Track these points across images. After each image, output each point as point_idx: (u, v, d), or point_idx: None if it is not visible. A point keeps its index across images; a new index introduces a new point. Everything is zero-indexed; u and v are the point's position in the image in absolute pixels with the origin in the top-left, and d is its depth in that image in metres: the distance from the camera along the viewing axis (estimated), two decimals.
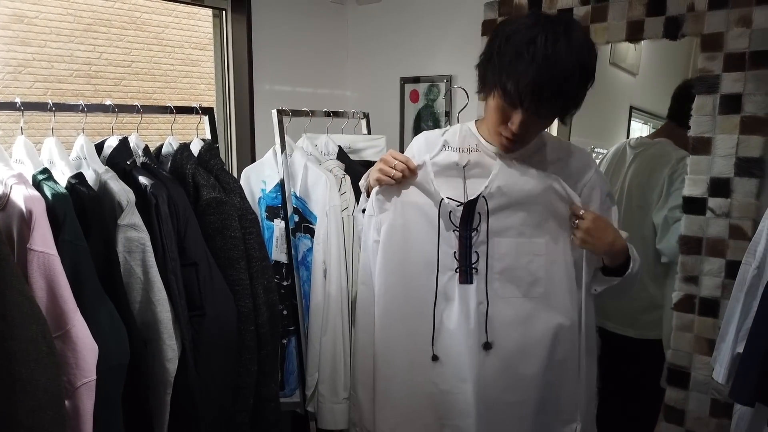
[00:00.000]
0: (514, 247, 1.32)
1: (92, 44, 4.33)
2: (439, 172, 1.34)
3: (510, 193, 1.30)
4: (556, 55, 1.09)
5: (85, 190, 1.26)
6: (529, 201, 1.30)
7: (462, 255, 1.33)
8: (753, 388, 1.32)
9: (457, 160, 1.34)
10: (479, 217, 1.31)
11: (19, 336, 1.01)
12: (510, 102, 1.16)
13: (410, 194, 1.37)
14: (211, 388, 1.40)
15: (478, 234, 1.32)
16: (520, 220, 1.31)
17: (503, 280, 1.33)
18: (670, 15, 1.82)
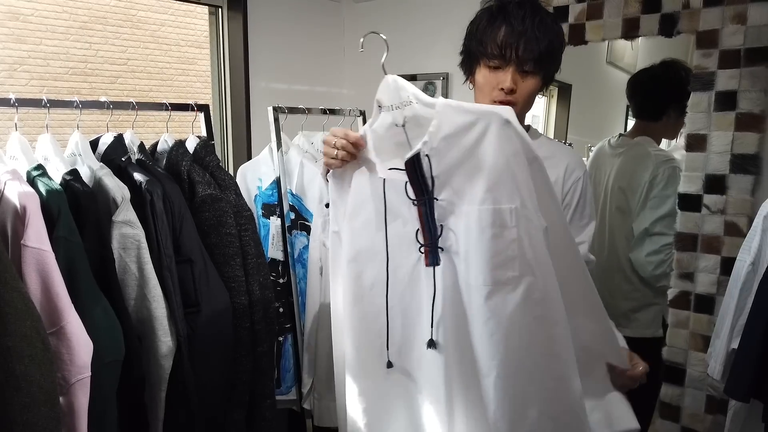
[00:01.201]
0: (475, 218, 1.02)
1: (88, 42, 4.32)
2: (380, 140, 1.11)
3: (462, 142, 1.02)
4: (523, 12, 1.22)
5: (80, 186, 1.26)
6: (488, 153, 1.01)
7: (425, 232, 1.08)
8: (748, 384, 1.32)
9: (392, 120, 1.09)
10: (433, 181, 1.06)
11: (13, 332, 1.01)
12: (494, 63, 1.25)
13: (359, 174, 1.16)
14: (207, 385, 1.39)
15: (438, 203, 1.07)
16: (480, 179, 1.02)
17: (466, 262, 1.04)
18: (666, 12, 1.82)
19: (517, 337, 1.03)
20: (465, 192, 1.04)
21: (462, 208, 1.04)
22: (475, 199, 1.02)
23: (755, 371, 1.31)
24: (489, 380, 1.02)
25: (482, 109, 1.01)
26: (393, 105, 1.08)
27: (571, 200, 1.36)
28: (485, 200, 1.01)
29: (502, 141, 0.99)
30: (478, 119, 1.00)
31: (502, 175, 1.00)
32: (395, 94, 1.08)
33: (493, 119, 1.00)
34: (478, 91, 1.34)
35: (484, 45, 1.25)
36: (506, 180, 1.00)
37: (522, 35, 1.22)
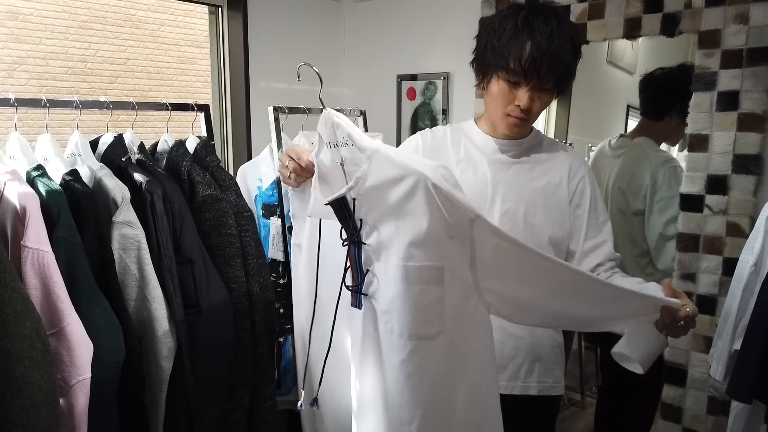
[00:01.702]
0: (401, 274, 0.97)
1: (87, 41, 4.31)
2: (326, 170, 1.08)
3: (390, 194, 0.96)
4: (550, 29, 1.19)
5: (80, 186, 1.26)
6: (416, 211, 0.95)
7: (354, 274, 1.05)
8: (750, 385, 1.32)
9: (332, 157, 1.07)
10: (361, 224, 1.02)
11: (13, 333, 1.00)
12: (514, 79, 1.23)
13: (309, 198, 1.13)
14: (207, 386, 1.39)
15: (366, 247, 1.03)
16: (407, 237, 0.96)
17: (389, 313, 1.00)
18: (668, 12, 1.82)
19: (441, 389, 1.02)
20: (390, 244, 0.99)
21: (387, 258, 1.00)
22: (400, 253, 0.97)
23: (758, 372, 1.30)
24: (412, 427, 1.01)
25: (411, 166, 0.94)
26: (330, 143, 1.05)
27: (581, 200, 1.35)
28: (412, 257, 0.96)
29: (430, 203, 0.93)
30: (405, 176, 0.94)
31: (430, 235, 0.95)
32: (331, 131, 1.03)
33: (420, 180, 0.93)
34: (490, 100, 1.32)
35: (505, 59, 1.22)
36: (434, 239, 0.95)
37: (546, 55, 1.19)
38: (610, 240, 1.35)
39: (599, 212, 1.36)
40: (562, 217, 1.34)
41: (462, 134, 1.41)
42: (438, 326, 0.99)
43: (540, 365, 1.38)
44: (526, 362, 1.37)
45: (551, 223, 1.33)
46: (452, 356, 1.02)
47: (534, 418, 1.42)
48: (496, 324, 1.31)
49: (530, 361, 1.37)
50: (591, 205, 1.35)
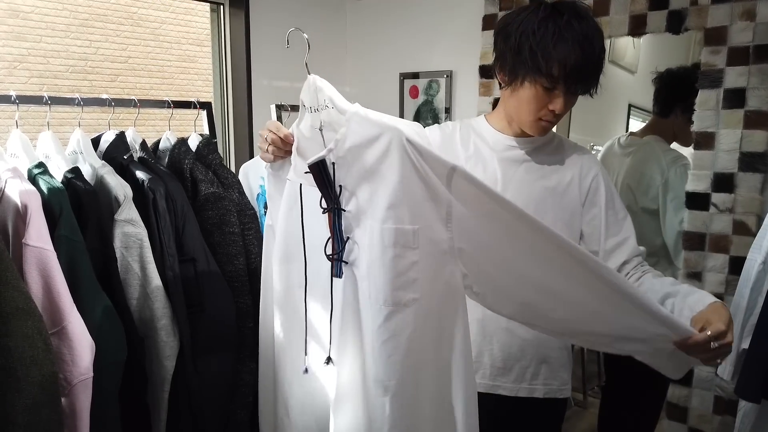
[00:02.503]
0: (377, 236, 0.96)
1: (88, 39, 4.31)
2: (304, 140, 1.10)
3: (367, 155, 0.95)
4: (590, 33, 1.17)
5: (82, 184, 1.24)
6: (391, 170, 0.93)
7: (334, 243, 1.03)
8: (759, 385, 1.30)
9: (311, 122, 1.07)
10: (340, 191, 1.00)
11: (14, 333, 0.99)
12: (552, 84, 1.19)
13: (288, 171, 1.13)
14: (210, 386, 1.38)
15: (347, 213, 1.01)
16: (383, 197, 0.95)
17: (368, 279, 0.99)
18: (673, 9, 1.81)
19: (415, 358, 0.99)
20: (369, 207, 0.97)
21: (366, 223, 0.98)
22: (377, 216, 0.96)
23: (766, 371, 1.29)
24: (386, 399, 0.99)
25: (387, 123, 0.94)
26: (312, 107, 1.05)
27: (596, 198, 1.32)
28: (387, 219, 0.94)
29: (404, 159, 0.92)
30: (382, 133, 0.94)
31: (405, 195, 0.93)
32: (314, 95, 1.04)
33: (395, 136, 0.92)
34: (519, 102, 1.26)
35: (548, 65, 1.17)
36: (409, 199, 0.94)
37: (590, 63, 1.18)
38: (632, 236, 1.32)
39: (617, 209, 1.33)
40: (572, 217, 1.31)
41: (472, 130, 1.38)
42: (413, 293, 0.96)
43: (546, 367, 1.36)
44: (533, 364, 1.35)
45: (560, 224, 1.30)
46: (426, 326, 0.99)
47: (539, 421, 1.40)
48: (502, 325, 1.30)
49: (536, 363, 1.35)
50: (608, 203, 1.32)
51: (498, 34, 1.27)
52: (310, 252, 1.10)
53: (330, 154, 0.97)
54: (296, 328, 1.13)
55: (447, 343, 1.01)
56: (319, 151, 1.00)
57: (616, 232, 1.31)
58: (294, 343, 1.15)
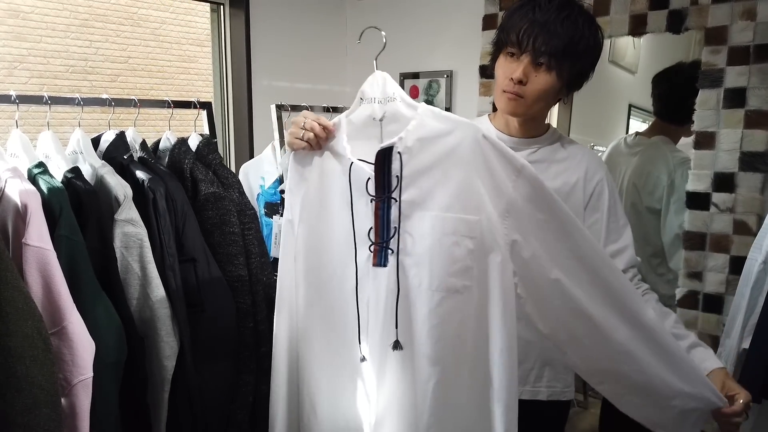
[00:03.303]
0: (438, 224, 1.01)
1: (88, 40, 4.30)
2: (355, 131, 1.10)
3: (434, 148, 1.02)
4: (552, 5, 1.19)
5: (82, 184, 1.24)
6: (459, 163, 1.01)
7: (378, 231, 1.06)
8: (760, 385, 1.30)
9: (371, 113, 1.09)
10: (398, 182, 1.04)
11: (14, 332, 0.99)
12: (511, 49, 1.22)
13: (324, 162, 1.13)
14: (210, 386, 1.38)
15: (396, 203, 1.05)
16: (448, 187, 1.01)
17: (421, 265, 1.03)
18: (674, 8, 1.81)
19: (460, 346, 1.03)
20: (430, 196, 1.03)
21: (423, 212, 1.03)
22: (440, 205, 1.01)
23: (767, 371, 1.29)
24: (429, 386, 1.03)
25: (461, 120, 1.02)
26: (376, 98, 1.08)
27: (599, 203, 1.29)
28: (450, 208, 1.01)
29: (476, 154, 0.99)
30: (455, 128, 1.01)
31: (470, 187, 1.00)
32: (381, 89, 1.09)
33: (469, 131, 1.00)
34: (496, 81, 1.31)
35: (505, 32, 1.23)
36: (474, 192, 1.00)
37: (543, 27, 1.18)
38: (631, 245, 1.30)
39: (619, 216, 1.31)
40: None
41: None
42: (465, 280, 1.02)
43: (550, 370, 1.35)
44: (536, 366, 1.34)
45: None
46: (474, 315, 1.03)
47: (543, 423, 1.39)
48: None
49: (540, 366, 1.34)
50: (610, 209, 1.29)
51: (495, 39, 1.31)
52: (333, 241, 1.12)
53: (399, 142, 1.02)
54: (334, 320, 1.13)
55: (493, 333, 1.04)
56: (373, 140, 1.06)
57: (615, 239, 1.29)
58: (328, 336, 1.14)
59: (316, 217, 1.14)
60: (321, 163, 1.13)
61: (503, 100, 1.27)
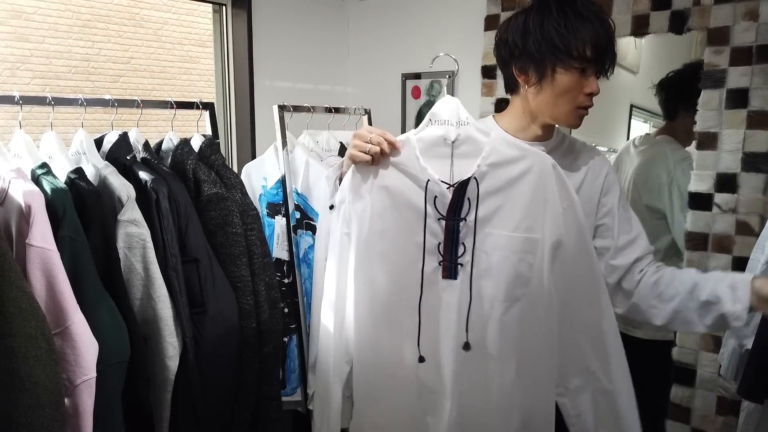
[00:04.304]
0: (506, 242, 1.16)
1: (91, 40, 4.31)
2: (425, 149, 1.18)
3: (504, 173, 1.15)
4: (600, 10, 1.21)
5: (85, 185, 1.25)
6: (526, 185, 1.15)
7: (447, 247, 1.18)
8: (762, 385, 1.30)
9: (443, 134, 1.18)
10: (468, 203, 1.16)
11: (17, 333, 1.00)
12: (583, 65, 1.19)
13: (390, 176, 1.20)
14: (213, 386, 1.38)
15: (465, 223, 1.17)
16: (515, 209, 1.16)
17: (488, 278, 1.18)
18: (676, 9, 1.80)
19: (518, 345, 1.22)
20: (498, 216, 1.16)
21: (492, 231, 1.17)
22: (507, 225, 1.16)
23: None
24: (494, 380, 1.22)
25: (531, 149, 1.16)
26: (449, 121, 1.17)
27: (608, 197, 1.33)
28: (517, 228, 1.16)
29: (545, 181, 1.14)
30: (526, 156, 1.15)
31: (536, 210, 1.15)
32: (454, 112, 1.17)
33: (539, 160, 1.14)
34: (553, 96, 1.23)
35: (579, 44, 1.17)
36: (538, 214, 1.15)
37: (611, 40, 1.20)
38: (643, 233, 1.34)
39: (628, 207, 1.35)
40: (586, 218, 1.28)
41: None
42: (524, 289, 1.18)
43: None
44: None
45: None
46: (528, 319, 1.20)
47: None
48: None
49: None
50: (620, 200, 1.33)
51: (507, 36, 1.26)
52: (397, 253, 1.22)
53: (477, 169, 1.15)
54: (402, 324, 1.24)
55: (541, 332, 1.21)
56: (443, 160, 1.17)
57: (627, 229, 1.32)
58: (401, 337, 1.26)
59: (379, 228, 1.22)
60: (385, 177, 1.20)
61: (576, 116, 1.27)
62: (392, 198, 1.20)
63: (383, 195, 1.20)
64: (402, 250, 1.21)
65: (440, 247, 1.18)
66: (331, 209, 1.27)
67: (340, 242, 1.25)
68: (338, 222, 1.25)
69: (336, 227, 1.26)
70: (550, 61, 1.20)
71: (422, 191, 1.17)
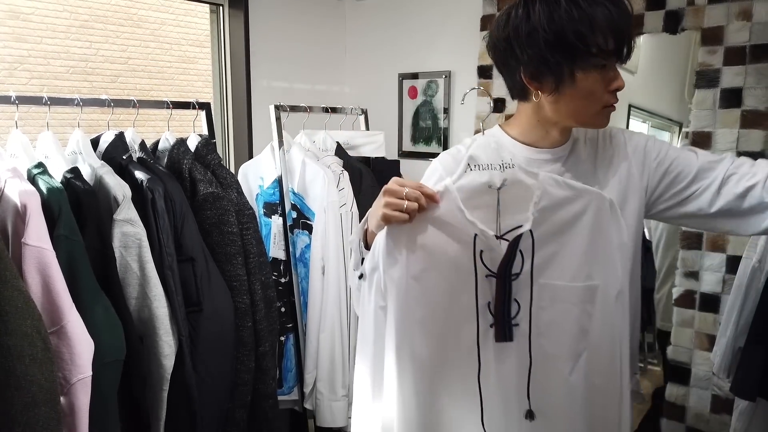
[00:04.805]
0: (565, 294, 1.02)
1: (88, 41, 4.30)
2: (467, 199, 1.00)
3: (557, 217, 1.00)
4: None
5: (81, 184, 1.25)
6: (582, 228, 1.00)
7: (499, 306, 1.02)
8: (755, 383, 1.31)
9: (488, 180, 1.01)
10: (521, 254, 1.01)
11: (13, 331, 1.00)
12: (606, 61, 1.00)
13: (427, 233, 1.02)
14: (208, 385, 1.39)
15: (518, 278, 1.02)
16: (572, 256, 1.01)
17: (549, 335, 1.03)
18: (670, 9, 1.81)
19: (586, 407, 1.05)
20: (554, 266, 1.02)
21: (547, 282, 1.02)
22: (564, 274, 1.02)
23: (762, 370, 1.30)
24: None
25: (584, 188, 1.00)
26: (491, 165, 1.01)
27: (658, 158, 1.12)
28: (576, 277, 1.01)
29: (602, 222, 1.00)
30: (580, 196, 1.00)
31: (595, 254, 1.01)
32: (495, 154, 1.01)
33: (595, 198, 1.00)
34: (573, 101, 1.04)
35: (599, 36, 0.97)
36: (597, 259, 1.01)
37: (629, 19, 1.00)
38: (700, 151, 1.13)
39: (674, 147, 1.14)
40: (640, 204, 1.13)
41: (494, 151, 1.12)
42: (585, 342, 1.03)
43: None
44: None
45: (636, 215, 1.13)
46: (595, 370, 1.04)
47: None
48: None
49: None
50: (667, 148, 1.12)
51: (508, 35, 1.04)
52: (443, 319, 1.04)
53: (528, 220, 0.99)
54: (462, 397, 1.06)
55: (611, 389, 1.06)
56: (488, 209, 1.01)
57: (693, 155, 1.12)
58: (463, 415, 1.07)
59: (417, 293, 1.03)
60: (422, 234, 1.02)
61: (604, 117, 1.08)
62: (431, 257, 1.02)
63: (420, 255, 1.02)
64: (446, 315, 1.04)
65: (491, 307, 1.03)
66: (360, 279, 1.10)
67: (375, 319, 1.06)
68: (370, 294, 1.06)
69: (368, 300, 1.07)
70: (567, 65, 1.00)
71: (469, 247, 1.01)
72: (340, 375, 1.78)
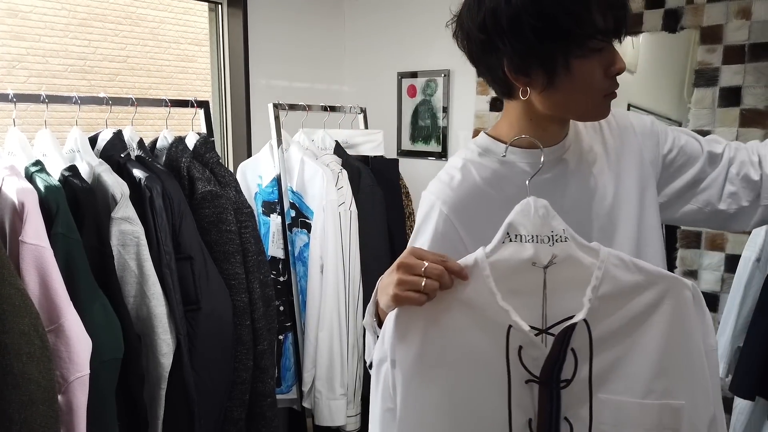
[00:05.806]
0: (635, 414, 0.77)
1: (87, 39, 4.30)
2: (502, 278, 0.79)
3: (623, 309, 0.77)
4: None
5: (79, 182, 1.25)
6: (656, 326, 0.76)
7: (544, 426, 0.79)
8: (753, 382, 1.31)
9: (530, 256, 0.78)
10: (574, 356, 0.78)
11: (11, 329, 1.00)
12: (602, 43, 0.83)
13: (451, 318, 0.79)
14: (207, 383, 1.38)
15: (570, 386, 0.78)
16: (644, 364, 0.77)
17: None
18: (669, 7, 1.82)
19: None
20: (619, 375, 0.78)
21: (610, 397, 0.78)
22: (634, 387, 0.77)
23: (761, 369, 1.30)
24: None
25: (658, 272, 0.77)
26: (538, 236, 0.79)
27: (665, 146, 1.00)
28: (650, 392, 0.77)
29: (683, 319, 0.76)
30: (654, 282, 0.77)
31: (675, 362, 0.77)
32: (543, 222, 0.79)
33: (675, 286, 0.76)
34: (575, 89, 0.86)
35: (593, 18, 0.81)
36: (679, 368, 0.77)
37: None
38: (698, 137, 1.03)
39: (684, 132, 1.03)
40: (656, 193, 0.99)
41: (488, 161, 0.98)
42: None
43: None
44: None
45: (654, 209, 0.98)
46: None
47: None
48: None
49: None
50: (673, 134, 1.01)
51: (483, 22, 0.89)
52: None
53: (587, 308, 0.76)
54: None
55: None
56: (530, 293, 0.79)
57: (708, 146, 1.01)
58: None
59: (433, 403, 0.81)
60: (443, 319, 0.80)
61: (605, 106, 0.91)
62: (453, 350, 0.80)
63: (438, 347, 0.80)
64: (490, 418, 0.81)
65: (532, 426, 0.80)
66: (369, 368, 0.89)
67: (382, 425, 0.84)
68: (377, 391, 0.84)
69: (375, 399, 0.85)
70: (561, 52, 0.83)
71: (501, 342, 0.79)
72: (339, 374, 1.78)
